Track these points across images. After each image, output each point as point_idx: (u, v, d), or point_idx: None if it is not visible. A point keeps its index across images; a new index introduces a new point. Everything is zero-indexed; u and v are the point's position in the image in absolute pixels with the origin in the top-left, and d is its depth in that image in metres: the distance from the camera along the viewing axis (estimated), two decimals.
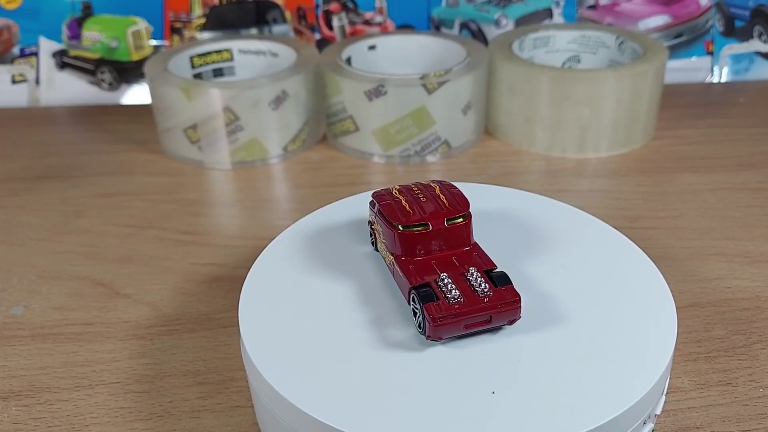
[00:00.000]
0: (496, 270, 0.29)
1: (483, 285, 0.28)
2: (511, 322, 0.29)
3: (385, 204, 0.31)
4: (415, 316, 0.29)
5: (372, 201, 0.33)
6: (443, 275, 0.29)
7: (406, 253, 0.30)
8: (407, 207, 0.31)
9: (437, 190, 0.32)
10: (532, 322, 0.29)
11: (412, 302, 0.29)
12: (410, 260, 0.30)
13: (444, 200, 0.31)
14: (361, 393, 0.26)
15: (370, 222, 0.34)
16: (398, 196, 0.32)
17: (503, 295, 0.28)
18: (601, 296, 0.31)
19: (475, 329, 0.28)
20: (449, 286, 0.28)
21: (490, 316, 0.28)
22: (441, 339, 0.28)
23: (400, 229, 0.30)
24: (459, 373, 0.27)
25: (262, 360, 0.28)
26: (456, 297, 0.28)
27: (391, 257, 0.31)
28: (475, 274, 0.29)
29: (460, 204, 0.31)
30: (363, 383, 0.27)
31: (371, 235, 0.34)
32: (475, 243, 0.31)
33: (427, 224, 0.30)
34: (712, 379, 0.34)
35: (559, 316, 0.29)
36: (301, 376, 0.27)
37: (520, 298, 0.28)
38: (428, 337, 0.28)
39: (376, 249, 0.34)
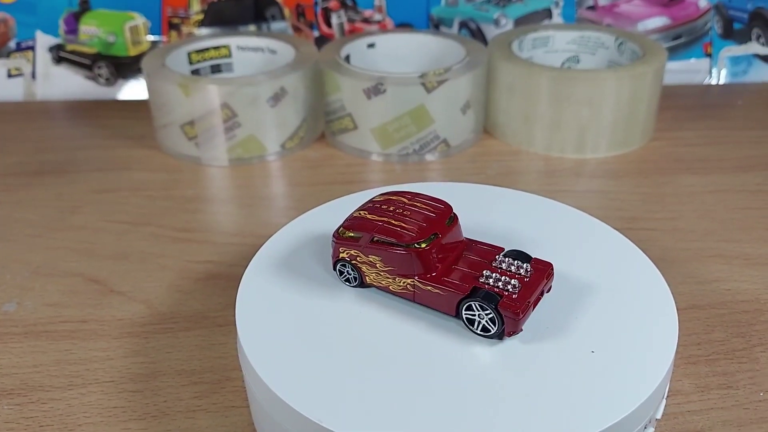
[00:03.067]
0: (508, 250, 0.30)
1: (521, 266, 0.29)
2: (548, 290, 0.29)
3: (380, 230, 0.29)
4: (472, 324, 0.28)
5: (350, 236, 0.30)
6: (485, 272, 0.29)
7: (427, 270, 0.29)
8: (404, 224, 0.29)
9: (407, 200, 0.31)
10: (531, 325, 0.29)
11: (466, 311, 0.28)
12: (435, 275, 0.29)
13: (425, 206, 0.30)
14: (358, 394, 0.26)
15: (343, 260, 0.31)
16: (378, 218, 0.30)
17: (540, 267, 0.29)
18: (601, 299, 0.30)
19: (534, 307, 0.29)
20: (502, 279, 0.28)
21: (543, 290, 0.29)
22: (522, 331, 0.28)
23: (416, 248, 0.29)
24: (455, 374, 0.27)
25: (258, 360, 0.27)
26: (515, 286, 0.28)
27: (408, 281, 0.29)
28: (505, 260, 0.29)
29: (443, 204, 0.31)
30: (361, 384, 0.26)
31: (344, 274, 0.31)
32: (466, 237, 0.31)
33: (437, 233, 0.29)
34: (713, 383, 0.34)
35: (559, 318, 0.29)
36: (298, 377, 0.27)
37: (552, 264, 0.29)
38: (509, 334, 0.28)
39: (360, 285, 0.31)
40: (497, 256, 0.30)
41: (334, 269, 0.31)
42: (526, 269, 0.29)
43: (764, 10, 0.70)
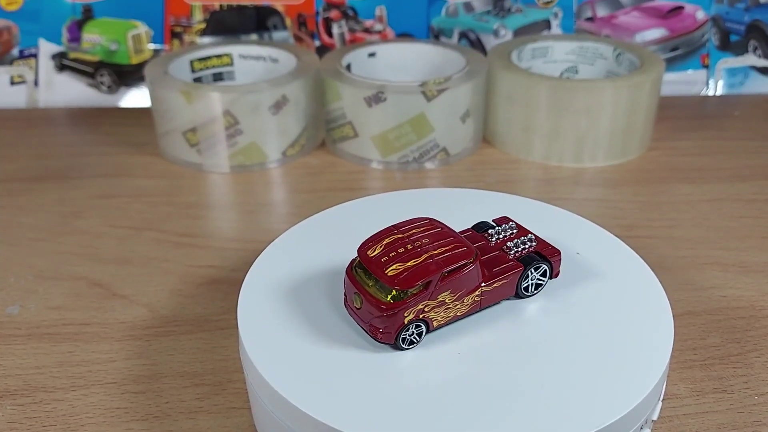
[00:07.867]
0: (474, 225, 0.33)
1: (506, 228, 0.32)
2: None
3: (441, 262, 0.28)
4: (526, 291, 0.31)
5: (414, 292, 0.28)
6: (508, 244, 0.32)
7: (484, 272, 0.30)
8: (445, 247, 0.29)
9: (404, 234, 0.30)
10: (530, 326, 0.29)
11: (524, 280, 0.31)
12: (489, 270, 0.30)
13: (424, 227, 0.30)
14: (360, 393, 0.26)
15: (408, 324, 0.28)
16: (420, 260, 0.28)
17: (515, 223, 0.33)
18: (600, 303, 0.31)
19: None
20: (519, 241, 0.32)
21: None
22: None
23: (476, 258, 0.29)
24: (450, 377, 0.27)
25: (261, 360, 0.28)
26: (532, 239, 0.32)
27: (475, 294, 0.29)
28: (494, 230, 0.32)
29: (430, 219, 0.31)
30: (362, 383, 0.27)
31: (407, 339, 0.28)
32: None
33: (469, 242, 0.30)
34: (708, 387, 0.35)
35: (557, 321, 0.30)
36: (301, 377, 0.27)
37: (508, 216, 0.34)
38: (557, 275, 0.32)
39: (427, 333, 0.29)
40: (488, 232, 0.32)
41: (395, 344, 0.28)
42: (512, 226, 0.33)
43: (761, 23, 0.71)
